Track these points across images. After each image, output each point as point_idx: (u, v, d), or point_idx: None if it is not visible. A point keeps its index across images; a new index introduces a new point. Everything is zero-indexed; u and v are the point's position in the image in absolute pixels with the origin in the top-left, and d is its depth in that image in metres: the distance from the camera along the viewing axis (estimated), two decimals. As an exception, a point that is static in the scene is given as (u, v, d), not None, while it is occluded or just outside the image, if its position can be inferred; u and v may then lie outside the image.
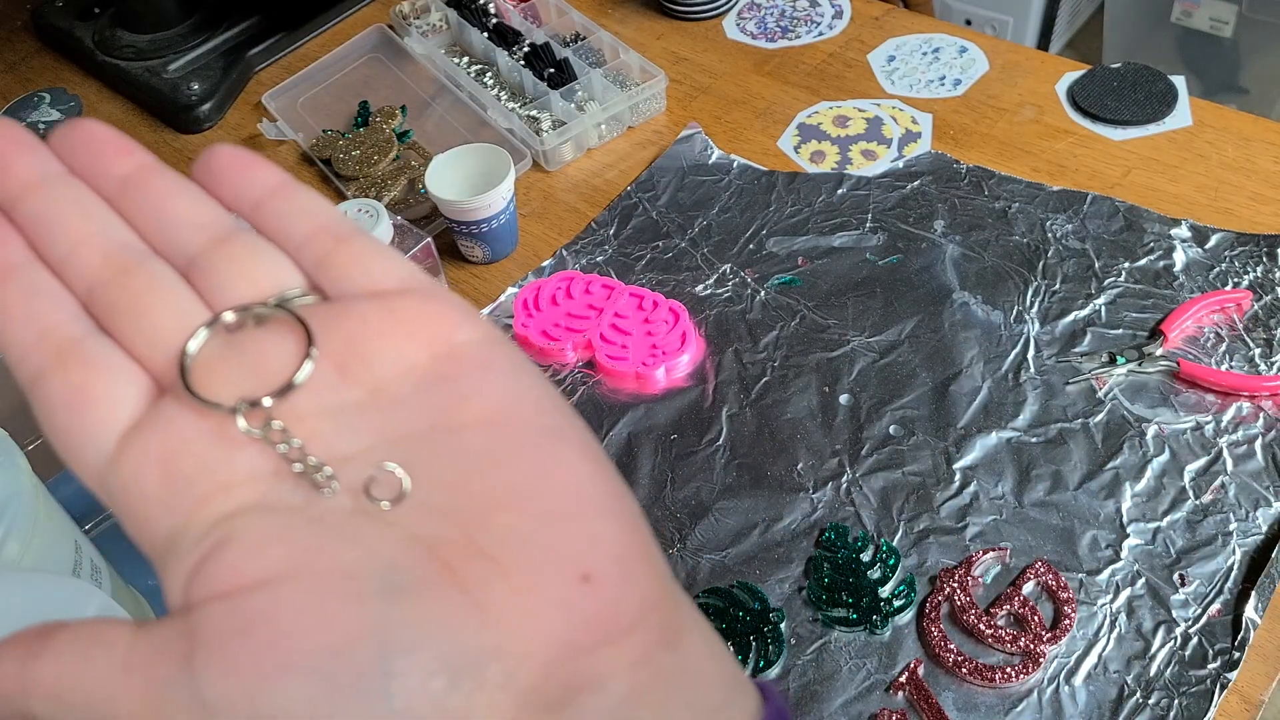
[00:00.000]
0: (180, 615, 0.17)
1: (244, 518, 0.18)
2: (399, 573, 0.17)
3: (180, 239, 0.21)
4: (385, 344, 0.19)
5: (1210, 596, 0.48)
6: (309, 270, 0.21)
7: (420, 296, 0.20)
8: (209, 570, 0.17)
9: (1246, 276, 0.61)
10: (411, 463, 0.18)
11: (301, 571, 0.17)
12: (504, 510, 0.18)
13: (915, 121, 0.74)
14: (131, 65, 0.84)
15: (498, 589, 0.17)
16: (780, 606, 0.50)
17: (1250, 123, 0.71)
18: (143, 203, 0.21)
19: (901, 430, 0.56)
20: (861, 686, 0.47)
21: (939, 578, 0.50)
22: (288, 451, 0.18)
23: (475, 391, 0.19)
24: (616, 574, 0.17)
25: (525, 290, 0.65)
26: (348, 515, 0.18)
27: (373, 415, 0.19)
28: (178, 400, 0.19)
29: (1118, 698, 0.46)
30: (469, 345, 0.20)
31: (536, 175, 0.74)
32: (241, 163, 0.22)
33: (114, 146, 0.22)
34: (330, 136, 0.77)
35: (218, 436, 0.18)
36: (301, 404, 0.19)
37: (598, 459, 0.19)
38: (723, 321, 0.63)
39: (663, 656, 0.17)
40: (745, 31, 0.84)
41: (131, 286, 0.20)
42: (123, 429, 0.19)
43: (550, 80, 0.77)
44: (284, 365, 0.19)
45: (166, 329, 0.20)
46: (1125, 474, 0.53)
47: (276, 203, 0.22)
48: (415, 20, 0.86)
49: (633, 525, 0.18)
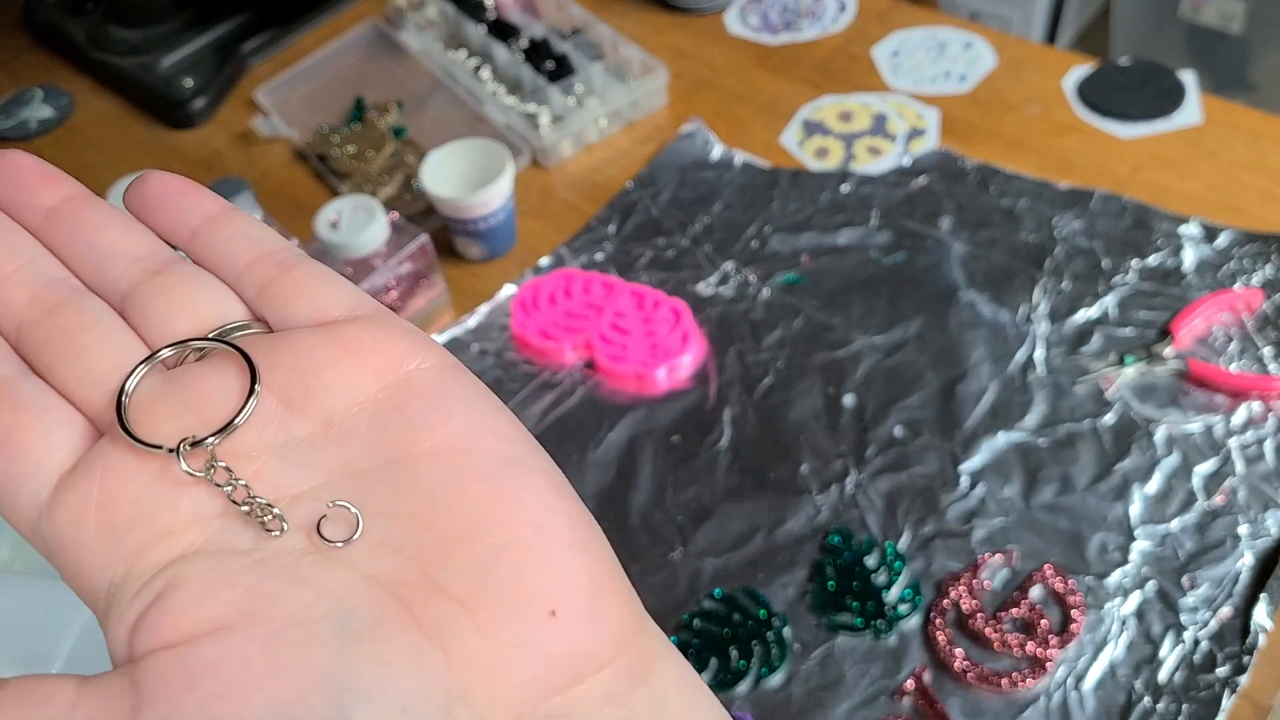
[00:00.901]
0: (125, 669, 0.16)
1: (189, 563, 0.17)
2: (355, 615, 0.16)
3: (113, 272, 0.20)
4: (333, 374, 0.18)
5: (1219, 600, 0.48)
6: (251, 300, 0.20)
7: (369, 324, 0.19)
8: (153, 620, 0.16)
9: (1257, 275, 0.60)
10: (365, 498, 0.17)
11: (251, 618, 0.16)
12: (464, 545, 0.17)
13: (921, 117, 0.73)
14: (124, 61, 0.83)
15: (461, 628, 0.16)
16: (784, 612, 0.49)
17: (1260, 119, 0.70)
18: (72, 235, 0.20)
19: (907, 432, 0.55)
20: (867, 692, 0.46)
21: (945, 582, 0.49)
22: (233, 492, 0.17)
23: (430, 421, 0.18)
24: (585, 609, 0.17)
25: (523, 289, 0.64)
26: (299, 556, 0.17)
27: (322, 450, 0.18)
28: (115, 443, 0.18)
29: (1126, 703, 0.45)
30: (422, 373, 0.19)
31: (535, 172, 0.73)
32: (176, 190, 0.21)
33: (38, 176, 0.21)
34: (325, 132, 0.76)
35: (159, 479, 0.17)
36: (247, 441, 0.18)
37: (560, 488, 0.18)
38: (725, 321, 0.62)
39: (635, 693, 0.17)
40: (748, 25, 0.83)
41: (63, 325, 0.19)
42: (58, 474, 0.18)
43: (550, 75, 0.76)
44: (227, 401, 0.18)
45: (102, 368, 0.19)
46: (1134, 476, 0.52)
47: (214, 230, 0.21)
48: (411, 14, 0.85)
49: (600, 556, 0.18)
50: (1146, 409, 0.55)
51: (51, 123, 0.82)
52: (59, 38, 0.88)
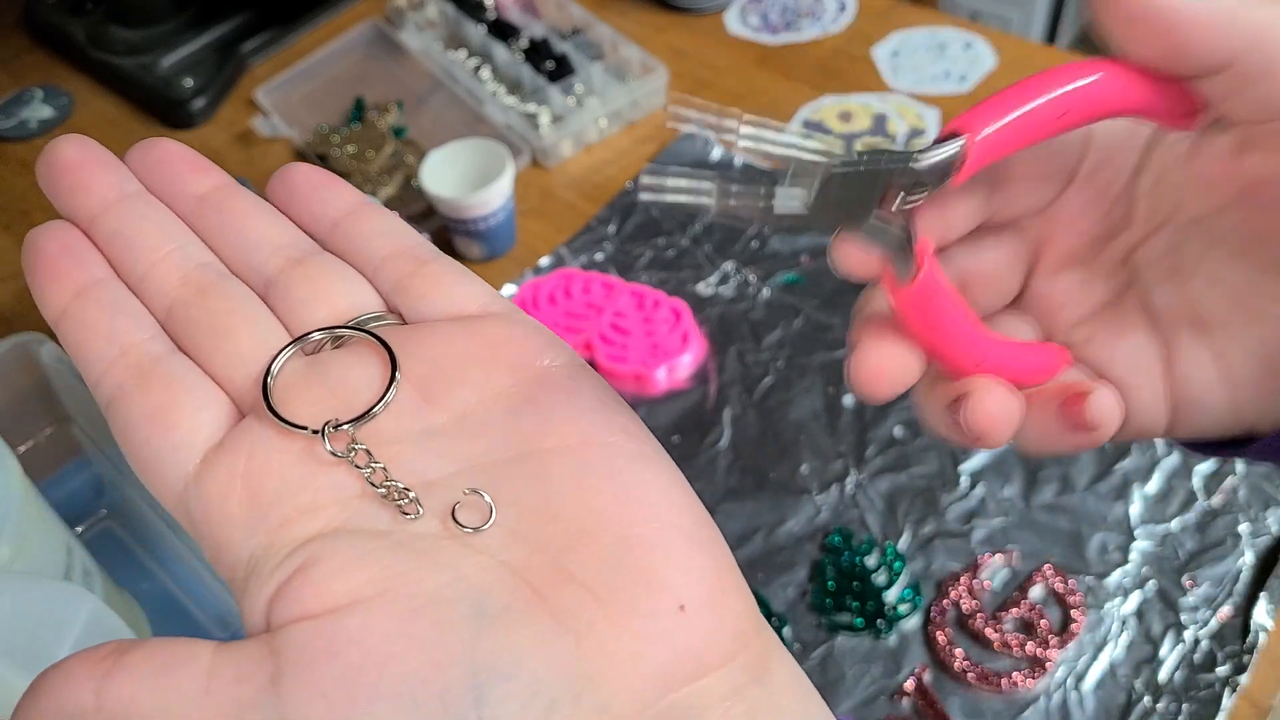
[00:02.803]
0: (264, 638, 0.16)
1: (330, 540, 0.17)
2: (489, 598, 0.16)
3: (257, 260, 0.21)
4: (469, 368, 0.19)
5: (1219, 599, 0.48)
6: (386, 293, 0.21)
7: (503, 321, 0.20)
8: (295, 592, 0.17)
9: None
10: (497, 489, 0.18)
11: (390, 595, 0.16)
12: (593, 537, 0.17)
13: (921, 117, 0.73)
14: (124, 61, 0.83)
15: (591, 617, 0.16)
16: (784, 612, 0.49)
17: (1259, 118, 0.70)
18: (220, 222, 0.21)
19: (907, 432, 0.55)
20: (867, 693, 0.46)
21: (945, 582, 0.49)
22: (372, 474, 0.18)
23: (561, 417, 0.19)
24: (710, 605, 0.17)
25: (523, 289, 0.64)
26: (434, 540, 0.17)
27: (457, 440, 0.19)
28: (260, 422, 0.19)
29: (1126, 703, 0.45)
30: (554, 370, 0.19)
31: (535, 172, 0.73)
32: (318, 182, 0.22)
33: (191, 165, 0.22)
34: (325, 132, 0.76)
35: (303, 459, 0.18)
36: (385, 428, 0.18)
37: (685, 487, 0.19)
38: (725, 321, 0.62)
39: (754, 690, 0.17)
40: (748, 25, 0.83)
41: (211, 307, 0.20)
42: (204, 449, 0.18)
43: (550, 75, 0.76)
44: (366, 388, 0.19)
45: (247, 350, 0.19)
46: (1134, 476, 0.52)
47: (353, 224, 0.21)
48: (411, 14, 0.85)
49: (721, 555, 0.18)
50: (1146, 409, 0.55)
51: (51, 123, 0.82)
52: (59, 38, 0.88)
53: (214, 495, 0.18)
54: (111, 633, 0.36)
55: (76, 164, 0.21)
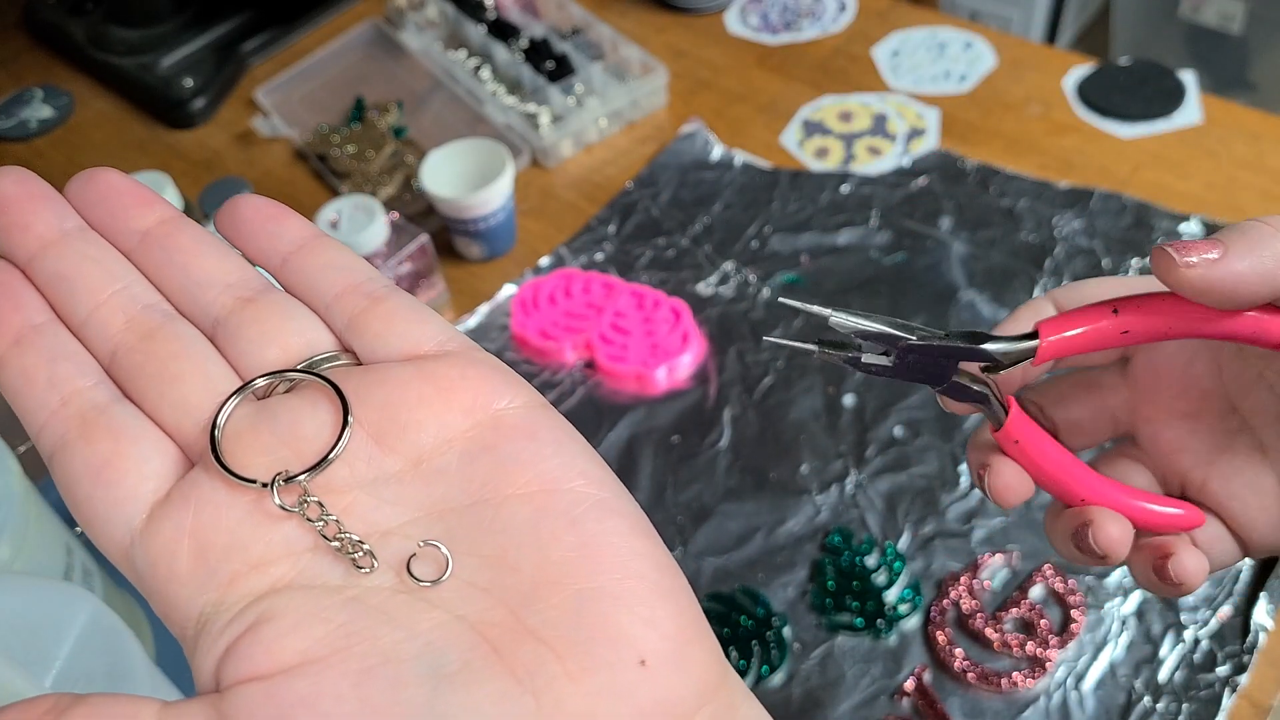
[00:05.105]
0: (210, 698, 0.16)
1: (281, 596, 0.17)
2: (445, 656, 0.16)
3: (205, 299, 0.20)
4: (424, 412, 0.19)
5: (1219, 599, 0.48)
6: (340, 331, 0.20)
7: (459, 361, 0.19)
8: (245, 651, 0.16)
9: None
10: (453, 538, 0.17)
11: (342, 654, 0.16)
12: (552, 589, 0.17)
13: (921, 117, 0.73)
14: (124, 61, 0.83)
15: (551, 674, 0.16)
16: (783, 611, 0.49)
17: (1260, 119, 0.70)
18: (165, 259, 0.20)
19: (907, 432, 0.55)
20: (866, 693, 0.46)
21: (945, 582, 0.49)
22: (325, 528, 0.17)
23: (519, 462, 0.18)
24: (673, 658, 0.17)
25: (523, 289, 0.64)
26: (389, 595, 0.17)
27: (413, 487, 0.18)
28: (209, 473, 0.18)
29: (1126, 703, 0.45)
30: (511, 412, 0.19)
31: (535, 172, 0.73)
32: (268, 215, 0.21)
33: (134, 198, 0.21)
34: (325, 132, 0.76)
35: (252, 512, 0.18)
36: (337, 476, 0.18)
37: (647, 532, 0.18)
38: (725, 321, 0.62)
39: None
40: (748, 25, 0.83)
41: (157, 351, 0.19)
42: (151, 502, 0.18)
43: (550, 75, 0.76)
44: (318, 435, 0.18)
45: (195, 397, 0.19)
46: (1134, 476, 0.52)
47: (304, 259, 0.21)
48: (411, 14, 0.85)
49: (685, 603, 0.18)
50: (1146, 409, 0.55)
51: (51, 123, 0.82)
52: (59, 38, 0.88)
53: (161, 551, 0.17)
54: (111, 633, 0.36)
55: (13, 200, 0.20)
